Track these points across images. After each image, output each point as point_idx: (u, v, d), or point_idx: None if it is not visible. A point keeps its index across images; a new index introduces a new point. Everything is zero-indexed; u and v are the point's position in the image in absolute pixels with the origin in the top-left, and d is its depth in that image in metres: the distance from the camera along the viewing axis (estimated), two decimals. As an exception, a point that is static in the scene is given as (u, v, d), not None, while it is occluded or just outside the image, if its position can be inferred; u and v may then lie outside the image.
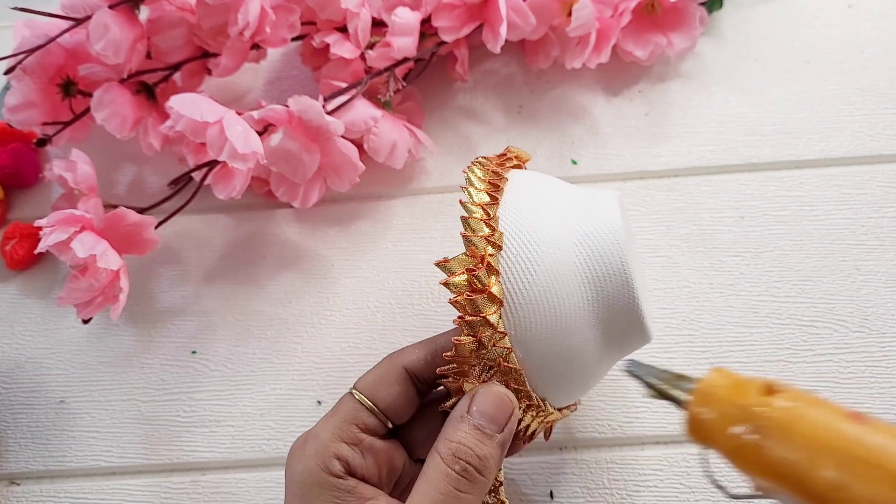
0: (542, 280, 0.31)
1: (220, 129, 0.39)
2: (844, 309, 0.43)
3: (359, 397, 0.32)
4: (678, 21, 0.49)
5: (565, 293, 0.31)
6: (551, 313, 0.31)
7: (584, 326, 0.31)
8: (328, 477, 0.30)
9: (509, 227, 0.32)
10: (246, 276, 0.46)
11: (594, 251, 0.32)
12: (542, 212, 0.32)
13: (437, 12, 0.46)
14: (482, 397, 0.30)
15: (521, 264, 0.31)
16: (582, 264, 0.32)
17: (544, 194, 0.34)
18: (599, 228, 0.32)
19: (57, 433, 0.42)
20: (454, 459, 0.29)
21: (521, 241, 0.31)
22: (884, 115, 0.49)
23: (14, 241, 0.47)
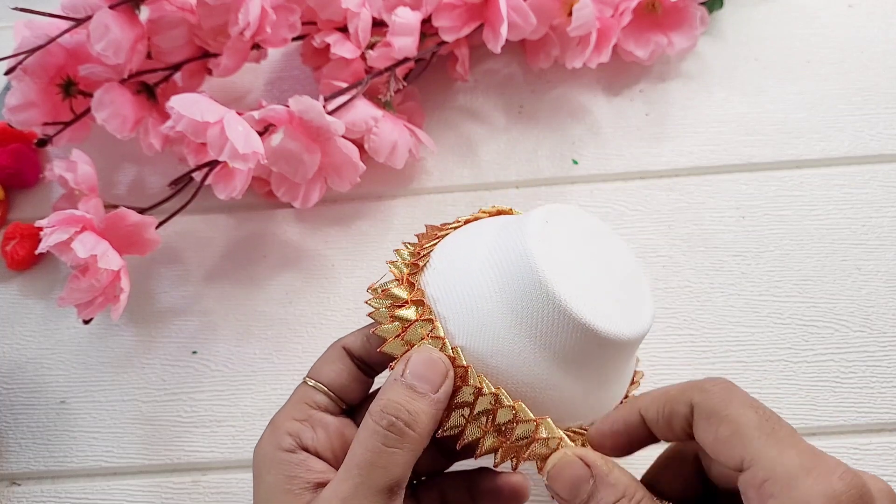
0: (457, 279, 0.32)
1: (221, 130, 0.39)
2: (845, 308, 0.43)
3: (308, 380, 0.33)
4: (679, 21, 0.49)
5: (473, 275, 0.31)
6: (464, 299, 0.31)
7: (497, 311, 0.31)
8: (278, 452, 0.31)
9: (434, 254, 0.33)
10: (246, 277, 0.46)
11: (501, 250, 0.32)
12: (466, 240, 0.34)
13: (438, 12, 0.46)
14: (414, 359, 0.30)
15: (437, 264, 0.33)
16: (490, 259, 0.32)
17: (480, 224, 0.35)
18: (509, 229, 0.32)
19: (58, 433, 0.42)
20: (382, 415, 0.29)
21: (439, 257, 0.33)
22: (884, 115, 0.49)
23: (15, 241, 0.47)
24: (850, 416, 0.40)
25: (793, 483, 0.24)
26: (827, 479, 0.24)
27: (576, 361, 0.31)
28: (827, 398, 0.41)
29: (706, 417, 0.27)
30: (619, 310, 0.31)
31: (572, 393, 0.32)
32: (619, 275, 0.33)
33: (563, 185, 0.48)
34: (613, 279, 0.32)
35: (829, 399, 0.40)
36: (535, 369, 0.31)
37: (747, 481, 0.25)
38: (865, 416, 0.40)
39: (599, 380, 0.32)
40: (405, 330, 0.31)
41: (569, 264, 0.31)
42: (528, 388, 0.31)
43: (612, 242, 0.34)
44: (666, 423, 0.29)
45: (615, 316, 0.31)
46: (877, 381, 0.41)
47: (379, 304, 0.33)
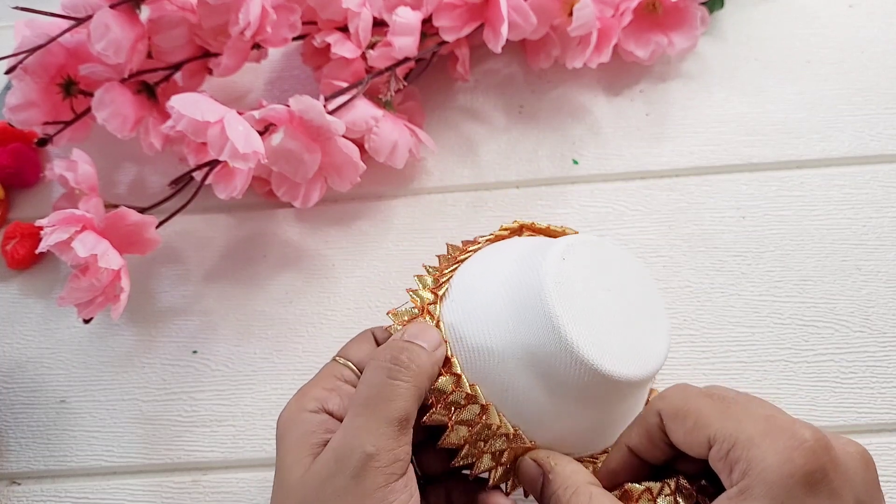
0: (473, 311, 0.33)
1: (221, 129, 0.39)
2: (845, 309, 0.43)
3: (338, 358, 0.35)
4: (679, 21, 0.49)
5: (489, 311, 0.32)
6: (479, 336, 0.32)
7: (511, 353, 0.31)
8: (301, 413, 0.32)
9: (453, 282, 0.34)
10: (247, 276, 0.46)
11: (516, 286, 0.32)
12: (484, 269, 0.34)
13: (438, 12, 0.46)
14: (412, 326, 0.32)
15: (456, 295, 0.33)
16: (506, 295, 0.32)
17: (499, 249, 0.35)
18: (526, 263, 0.32)
19: (58, 433, 0.42)
20: (385, 352, 0.31)
21: (458, 287, 0.34)
22: (885, 115, 0.49)
23: (15, 240, 0.47)
24: (850, 416, 0.40)
25: (751, 445, 0.27)
26: (781, 436, 0.26)
27: (587, 399, 0.31)
28: (827, 398, 0.41)
29: (672, 418, 0.29)
30: (631, 349, 0.32)
31: (584, 426, 0.33)
32: (635, 309, 0.33)
33: (564, 185, 0.48)
34: (629, 315, 0.33)
35: (829, 399, 0.41)
36: (547, 406, 0.31)
37: (715, 456, 0.28)
38: (865, 416, 0.40)
39: (612, 416, 0.33)
40: None
41: (583, 304, 0.31)
42: (539, 424, 0.32)
43: (632, 273, 0.34)
44: (649, 442, 0.31)
45: (627, 356, 0.31)
46: (877, 382, 0.41)
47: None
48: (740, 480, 0.26)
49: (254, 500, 0.40)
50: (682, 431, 0.29)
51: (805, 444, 0.26)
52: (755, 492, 0.26)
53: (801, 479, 0.26)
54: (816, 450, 0.26)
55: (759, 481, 0.26)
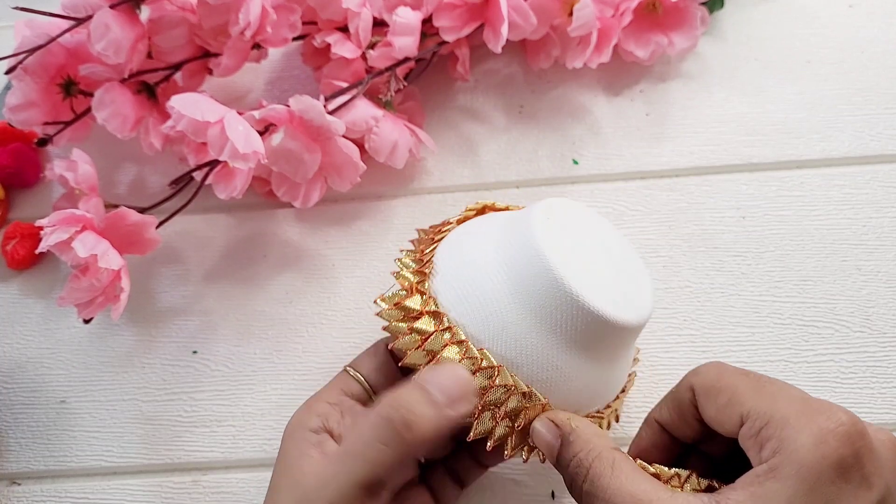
0: (468, 279, 0.33)
1: (221, 129, 0.39)
2: (845, 309, 0.43)
3: (348, 369, 0.35)
4: (679, 21, 0.49)
5: (485, 277, 0.32)
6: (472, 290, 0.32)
7: (514, 312, 0.32)
8: (302, 430, 0.32)
9: (437, 259, 0.34)
10: (247, 276, 0.46)
11: (509, 248, 0.33)
12: (468, 241, 0.35)
13: (438, 12, 0.46)
14: (440, 369, 0.30)
15: (444, 269, 0.34)
16: (499, 259, 0.33)
17: (477, 223, 0.36)
18: (514, 226, 0.33)
19: (58, 433, 0.42)
20: (385, 407, 0.29)
21: (444, 261, 0.34)
22: (885, 115, 0.49)
23: (15, 240, 0.47)
24: (851, 416, 0.40)
25: (785, 424, 0.26)
26: (816, 418, 0.26)
27: (590, 349, 0.32)
28: (827, 398, 0.40)
29: (705, 394, 0.29)
30: (624, 297, 0.32)
31: (589, 380, 0.33)
32: (619, 263, 0.34)
33: (564, 185, 0.48)
34: (615, 267, 0.34)
35: (830, 399, 0.40)
36: (557, 362, 0.32)
37: (746, 433, 0.27)
38: (866, 416, 0.40)
39: (611, 364, 0.34)
40: (425, 340, 0.32)
41: (575, 257, 0.32)
42: (551, 383, 0.32)
43: (609, 231, 0.36)
44: (679, 417, 0.30)
45: (622, 303, 0.32)
46: (877, 382, 0.41)
47: (392, 315, 0.33)
48: (770, 458, 0.26)
49: (253, 501, 0.40)
50: (715, 407, 0.28)
51: (841, 428, 0.26)
52: (785, 471, 0.25)
53: (835, 463, 0.25)
54: (852, 434, 0.26)
55: (790, 460, 0.25)
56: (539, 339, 0.32)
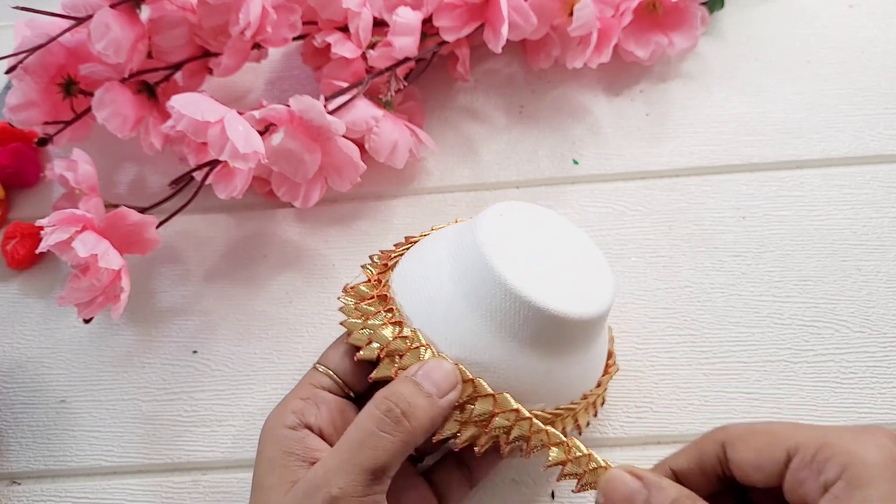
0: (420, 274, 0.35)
1: (222, 129, 0.39)
2: (846, 309, 0.43)
3: (317, 366, 0.35)
4: (679, 21, 0.49)
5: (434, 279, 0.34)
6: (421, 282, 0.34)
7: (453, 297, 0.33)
8: (280, 429, 0.32)
9: (402, 259, 0.37)
10: (247, 276, 0.46)
11: (456, 243, 0.34)
12: (429, 241, 0.37)
13: (439, 12, 0.46)
14: (429, 364, 0.32)
15: (403, 264, 0.36)
16: (447, 252, 0.35)
17: (443, 230, 0.38)
18: (466, 225, 0.35)
19: (58, 433, 0.42)
20: (382, 400, 0.31)
21: (406, 258, 0.37)
22: (885, 115, 0.49)
23: (15, 240, 0.47)
24: (851, 416, 0.40)
25: (843, 441, 0.27)
26: (864, 431, 0.27)
27: (540, 343, 0.33)
28: (827, 399, 0.41)
29: (740, 440, 0.29)
30: (574, 292, 0.33)
31: (545, 374, 0.33)
32: (575, 260, 0.35)
33: (564, 185, 0.48)
34: (569, 264, 0.35)
35: (830, 399, 0.40)
36: (495, 352, 0.33)
37: (797, 466, 0.27)
38: (866, 416, 0.40)
39: (563, 360, 0.34)
40: (373, 333, 0.34)
41: (522, 252, 0.33)
42: (490, 372, 0.33)
43: (568, 231, 0.37)
44: (699, 470, 0.30)
45: (569, 297, 0.33)
46: (877, 382, 0.41)
47: (348, 301, 0.36)
48: (842, 473, 0.26)
49: (254, 500, 0.39)
50: (754, 450, 0.29)
51: (888, 436, 0.27)
52: (867, 477, 0.26)
53: None
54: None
55: (865, 467, 0.26)
56: (485, 335, 0.32)
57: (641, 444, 0.40)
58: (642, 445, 0.40)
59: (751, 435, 0.29)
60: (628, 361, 0.42)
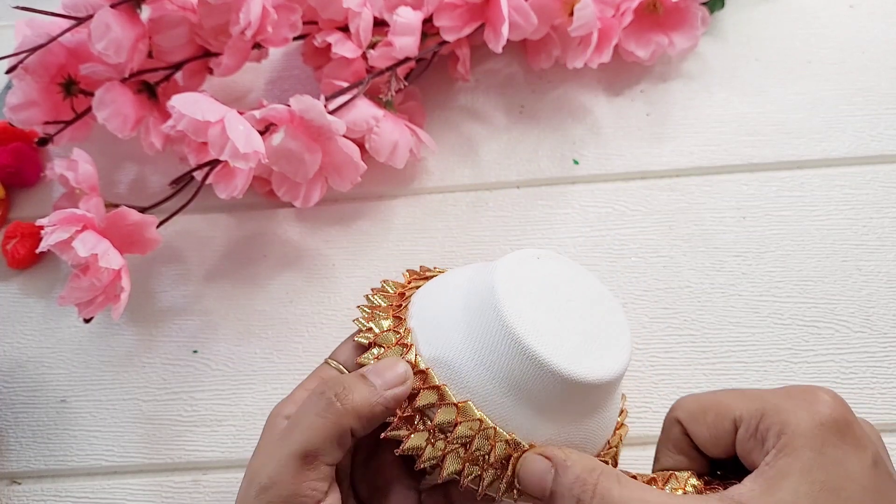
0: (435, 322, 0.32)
1: (222, 129, 0.39)
2: (846, 309, 0.43)
3: (328, 361, 0.35)
4: (680, 21, 0.49)
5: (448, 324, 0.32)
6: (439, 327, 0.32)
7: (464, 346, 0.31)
8: (278, 418, 0.32)
9: (414, 297, 0.35)
10: (247, 276, 0.46)
11: (472, 293, 0.32)
12: (446, 279, 0.35)
13: (439, 12, 0.46)
14: (381, 361, 0.31)
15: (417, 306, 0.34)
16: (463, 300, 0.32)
17: (456, 269, 0.36)
18: (482, 272, 0.33)
19: (58, 432, 0.42)
20: (320, 384, 0.31)
21: (420, 299, 0.34)
22: (885, 116, 0.49)
23: (15, 240, 0.47)
24: (851, 416, 0.40)
25: (780, 410, 0.27)
26: (803, 396, 0.28)
27: (554, 408, 0.31)
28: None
29: (693, 420, 0.30)
30: (588, 353, 0.31)
31: (542, 432, 0.31)
32: (592, 318, 0.32)
33: (564, 185, 0.48)
34: (585, 322, 0.32)
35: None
36: (504, 411, 0.31)
37: (743, 436, 0.28)
38: (866, 416, 0.39)
39: (573, 421, 0.32)
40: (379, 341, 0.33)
41: (536, 308, 0.31)
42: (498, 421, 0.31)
43: (588, 285, 0.34)
44: (681, 456, 0.31)
45: (583, 359, 0.31)
46: (877, 382, 0.41)
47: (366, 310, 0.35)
48: (776, 443, 0.27)
49: (254, 500, 0.39)
50: (705, 427, 0.29)
51: (826, 397, 0.27)
52: (796, 444, 0.26)
53: (832, 427, 0.26)
54: (837, 403, 0.27)
55: (796, 435, 0.26)
56: (489, 383, 0.31)
57: (641, 444, 0.40)
58: (642, 445, 0.40)
59: (701, 412, 0.29)
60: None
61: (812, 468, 0.26)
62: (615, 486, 0.27)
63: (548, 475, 0.29)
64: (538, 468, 0.30)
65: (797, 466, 0.26)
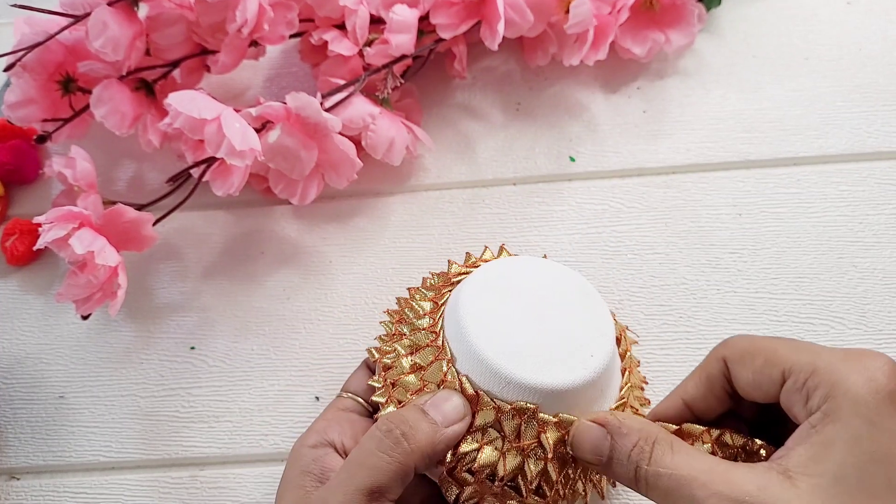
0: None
1: (218, 126, 0.39)
2: (841, 306, 0.43)
3: (342, 394, 0.37)
4: (676, 18, 0.50)
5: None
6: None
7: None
8: (303, 448, 0.33)
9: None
10: (244, 273, 0.46)
11: (449, 311, 0.34)
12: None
13: (435, 9, 0.46)
14: (440, 394, 0.32)
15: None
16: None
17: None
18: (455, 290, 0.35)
19: (56, 428, 0.42)
20: (384, 421, 0.31)
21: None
22: (882, 112, 0.49)
23: (14, 237, 0.47)
24: (845, 412, 0.40)
25: (832, 369, 0.26)
26: (861, 359, 0.26)
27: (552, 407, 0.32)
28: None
29: (740, 360, 0.29)
30: (559, 360, 0.32)
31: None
32: (564, 324, 0.33)
33: (561, 181, 0.48)
34: (554, 330, 0.33)
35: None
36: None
37: (790, 388, 0.27)
38: None
39: (584, 410, 0.32)
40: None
41: (500, 322, 0.33)
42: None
43: (562, 289, 0.35)
44: (708, 391, 0.31)
45: (549, 368, 0.32)
46: (872, 378, 0.41)
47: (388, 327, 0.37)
48: (823, 404, 0.26)
49: (250, 496, 0.40)
50: (751, 370, 0.29)
51: (886, 366, 0.26)
52: (843, 411, 0.25)
53: (888, 398, 0.25)
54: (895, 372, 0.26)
55: (845, 401, 0.26)
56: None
57: (636, 441, 0.40)
58: (637, 441, 0.40)
59: (750, 354, 0.29)
60: (624, 358, 0.42)
61: (861, 437, 0.25)
62: (668, 452, 0.28)
63: (604, 442, 0.30)
64: (594, 435, 0.30)
65: (846, 435, 0.25)
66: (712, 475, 0.26)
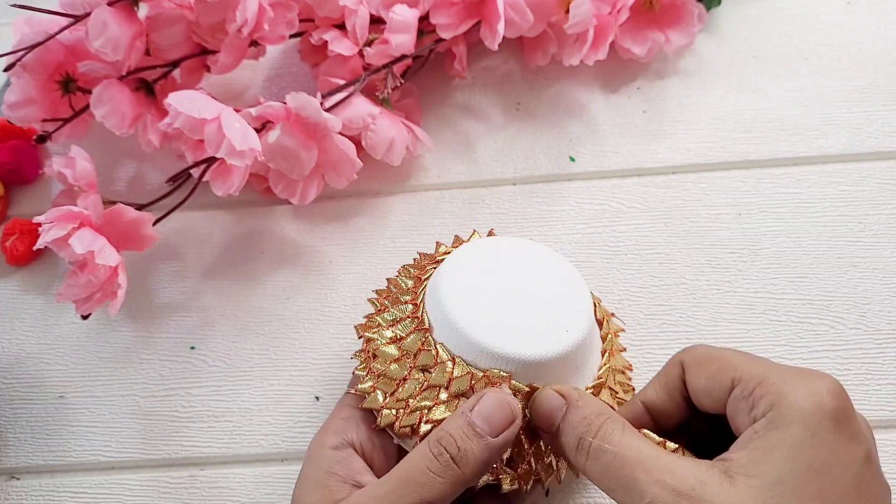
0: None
1: (218, 126, 0.39)
2: (841, 306, 0.43)
3: (350, 391, 0.36)
4: (676, 18, 0.50)
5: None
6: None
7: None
8: (323, 449, 0.33)
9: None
10: (244, 273, 0.46)
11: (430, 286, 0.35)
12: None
13: (435, 9, 0.46)
14: (487, 398, 0.31)
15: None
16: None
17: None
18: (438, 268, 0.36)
19: (56, 428, 0.42)
20: (435, 443, 0.31)
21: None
22: (882, 112, 0.49)
23: (14, 237, 0.47)
24: (845, 412, 0.40)
25: (781, 381, 0.27)
26: (808, 376, 0.28)
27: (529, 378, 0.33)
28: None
29: (696, 365, 0.30)
30: (534, 333, 0.33)
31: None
32: (542, 300, 0.34)
33: (560, 182, 0.48)
34: (532, 305, 0.34)
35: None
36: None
37: (737, 395, 0.28)
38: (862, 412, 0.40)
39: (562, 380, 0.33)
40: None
41: (479, 295, 0.34)
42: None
43: (543, 267, 0.36)
44: (666, 396, 0.31)
45: (524, 340, 0.32)
46: (872, 379, 0.41)
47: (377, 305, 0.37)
48: (768, 412, 0.27)
49: (250, 496, 0.40)
50: (705, 375, 0.30)
51: (831, 386, 0.27)
52: (787, 420, 0.26)
53: (830, 414, 0.26)
54: (841, 392, 0.27)
55: (790, 411, 0.26)
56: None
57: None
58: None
59: (706, 361, 0.30)
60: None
61: (802, 446, 0.26)
62: (618, 431, 0.29)
63: (559, 412, 0.31)
64: (552, 403, 0.31)
65: (787, 442, 0.26)
66: (658, 462, 0.27)
